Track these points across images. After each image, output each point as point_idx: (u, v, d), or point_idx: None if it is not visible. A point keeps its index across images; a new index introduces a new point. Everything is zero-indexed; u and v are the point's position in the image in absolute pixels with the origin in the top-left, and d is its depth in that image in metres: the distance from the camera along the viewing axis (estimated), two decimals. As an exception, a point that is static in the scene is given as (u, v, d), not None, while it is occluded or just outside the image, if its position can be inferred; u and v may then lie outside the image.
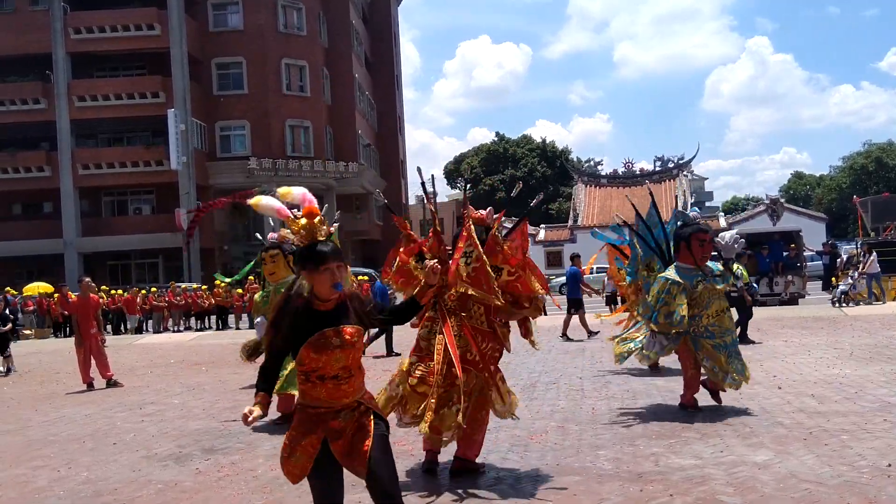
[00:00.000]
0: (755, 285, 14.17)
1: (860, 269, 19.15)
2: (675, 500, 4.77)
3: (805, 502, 4.60)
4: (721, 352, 7.16)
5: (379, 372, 10.67)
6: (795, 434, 6.20)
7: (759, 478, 5.10)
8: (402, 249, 5.83)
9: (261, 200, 4.26)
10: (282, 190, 3.85)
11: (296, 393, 7.58)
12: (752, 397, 7.76)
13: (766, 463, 5.44)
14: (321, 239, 3.47)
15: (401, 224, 6.03)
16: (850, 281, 18.99)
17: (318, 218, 3.51)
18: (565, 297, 16.00)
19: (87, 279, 12.42)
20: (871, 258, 18.78)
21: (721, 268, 7.59)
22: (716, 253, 8.73)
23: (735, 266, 13.13)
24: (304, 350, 3.37)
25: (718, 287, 7.27)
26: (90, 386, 11.54)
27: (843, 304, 18.36)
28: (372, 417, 3.49)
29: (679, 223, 7.79)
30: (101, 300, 12.64)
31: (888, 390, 7.85)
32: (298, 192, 3.75)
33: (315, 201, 3.68)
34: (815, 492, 4.76)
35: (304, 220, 3.49)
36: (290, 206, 3.98)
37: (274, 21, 41.33)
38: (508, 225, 6.11)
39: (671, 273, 7.26)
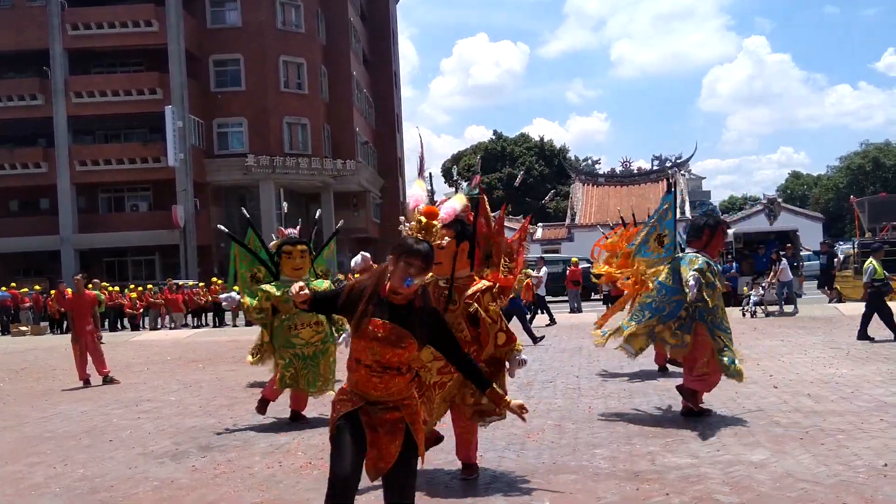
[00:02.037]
0: (890, 283, 13.65)
1: (770, 278, 18.26)
2: (671, 499, 4.78)
3: (801, 502, 4.61)
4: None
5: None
6: (792, 433, 6.21)
7: (755, 477, 5.11)
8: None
9: (418, 184, 4.37)
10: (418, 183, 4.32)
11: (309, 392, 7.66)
12: (748, 396, 7.77)
13: (762, 462, 5.45)
14: (423, 239, 3.63)
15: None
16: (762, 291, 18.19)
17: (436, 221, 3.72)
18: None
19: (80, 276, 12.45)
20: (782, 265, 17.90)
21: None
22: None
23: (868, 261, 12.99)
24: (351, 329, 3.54)
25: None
26: (86, 383, 11.54)
27: (755, 315, 17.49)
28: (404, 437, 3.49)
29: (703, 213, 7.73)
30: (97, 297, 12.63)
31: (884, 390, 7.86)
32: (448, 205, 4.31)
33: (448, 212, 4.18)
34: (811, 491, 4.77)
35: (422, 219, 3.72)
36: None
37: (272, 18, 41.23)
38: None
39: (704, 257, 7.08)
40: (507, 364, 5.40)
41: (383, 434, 3.47)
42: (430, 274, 4.89)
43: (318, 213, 10.05)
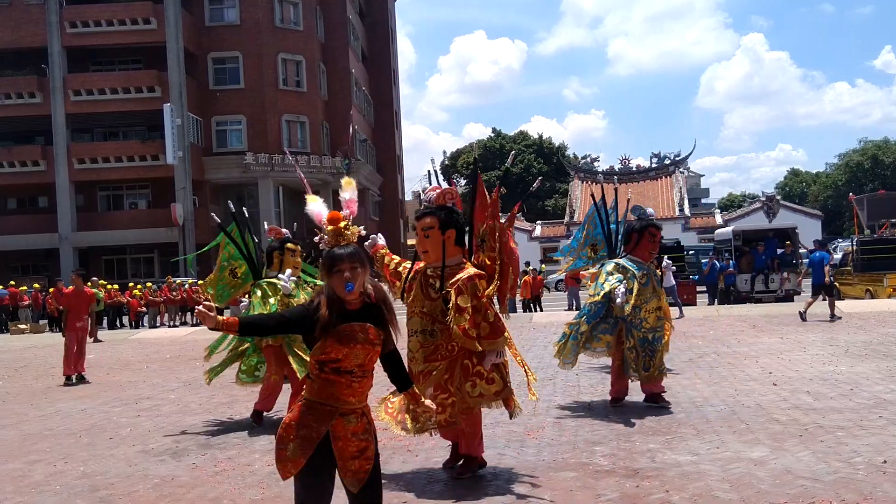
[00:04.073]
0: None
1: None
2: (671, 496, 4.78)
3: (800, 498, 4.62)
4: (642, 346, 7.47)
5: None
6: (791, 430, 6.22)
7: (754, 474, 5.12)
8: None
9: (313, 202, 4.13)
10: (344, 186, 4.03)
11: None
12: (747, 394, 7.78)
13: (761, 459, 5.46)
14: (343, 243, 3.57)
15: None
16: None
17: (342, 223, 3.64)
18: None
19: (77, 272, 12.51)
20: (663, 266, 17.05)
21: (658, 272, 7.99)
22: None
23: None
24: (328, 339, 3.39)
25: (656, 287, 7.64)
26: (77, 378, 11.61)
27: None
28: (373, 440, 3.52)
29: (636, 217, 8.05)
30: (95, 295, 12.69)
31: (883, 387, 7.87)
32: (344, 196, 3.93)
33: (350, 208, 3.83)
34: (810, 488, 4.78)
35: (329, 227, 3.65)
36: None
37: (270, 15, 41.18)
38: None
39: (623, 260, 7.62)
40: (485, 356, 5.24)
41: (358, 443, 3.45)
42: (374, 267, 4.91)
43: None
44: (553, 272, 35.78)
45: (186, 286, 26.14)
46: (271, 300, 7.55)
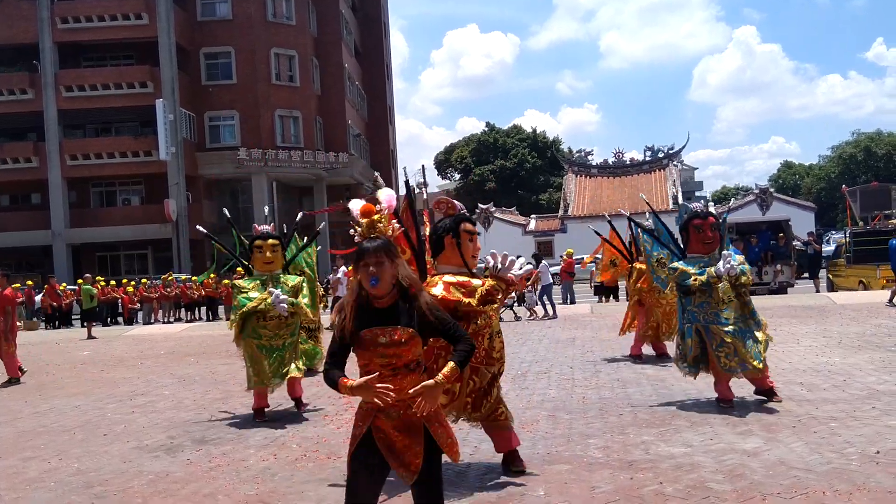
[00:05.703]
0: None
1: (530, 282, 17.52)
2: (665, 487, 4.80)
3: (794, 489, 4.63)
4: (738, 337, 6.89)
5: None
6: (784, 422, 6.24)
7: (748, 465, 5.14)
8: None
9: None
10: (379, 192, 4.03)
11: (298, 376, 7.67)
12: (741, 385, 7.78)
13: (755, 450, 5.48)
14: (372, 236, 3.54)
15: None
16: (514, 295, 17.73)
17: (376, 216, 3.60)
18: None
19: None
20: (540, 268, 16.88)
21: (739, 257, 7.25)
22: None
23: None
24: (355, 345, 3.43)
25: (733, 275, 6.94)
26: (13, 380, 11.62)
27: (517, 318, 17.02)
28: (423, 432, 3.46)
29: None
30: (14, 294, 12.57)
31: (876, 378, 7.90)
32: (384, 194, 3.95)
33: (390, 203, 3.84)
34: (803, 479, 4.80)
35: (363, 220, 3.60)
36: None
37: (263, 10, 41.07)
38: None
39: (678, 263, 7.26)
40: None
41: (404, 438, 3.43)
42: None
43: (298, 216, 10.32)
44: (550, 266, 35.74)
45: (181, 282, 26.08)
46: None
